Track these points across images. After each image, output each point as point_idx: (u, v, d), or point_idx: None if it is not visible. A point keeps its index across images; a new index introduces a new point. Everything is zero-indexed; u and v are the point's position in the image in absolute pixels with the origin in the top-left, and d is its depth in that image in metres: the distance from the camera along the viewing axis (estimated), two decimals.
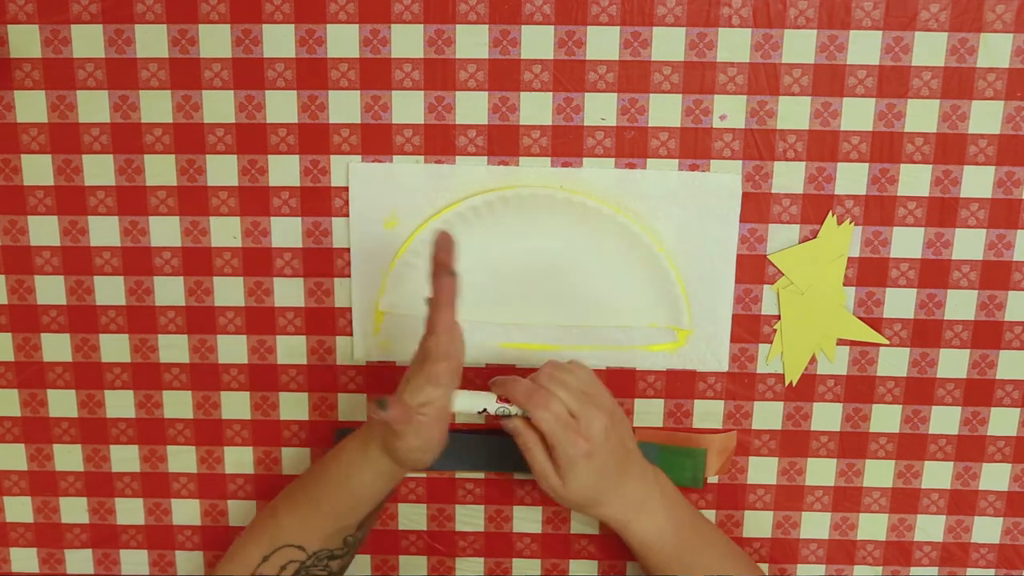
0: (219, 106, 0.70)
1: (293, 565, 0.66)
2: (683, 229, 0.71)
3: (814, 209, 0.71)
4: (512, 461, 0.76)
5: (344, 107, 0.70)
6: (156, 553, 0.80)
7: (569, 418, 0.63)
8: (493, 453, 0.76)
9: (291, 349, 0.75)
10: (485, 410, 0.65)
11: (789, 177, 0.70)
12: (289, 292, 0.74)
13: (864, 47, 0.68)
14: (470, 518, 0.78)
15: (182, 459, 0.77)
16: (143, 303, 0.74)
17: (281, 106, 0.70)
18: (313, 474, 0.68)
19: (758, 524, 0.77)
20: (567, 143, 0.70)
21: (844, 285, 0.72)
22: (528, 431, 0.65)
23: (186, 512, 0.79)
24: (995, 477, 0.76)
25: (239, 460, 0.77)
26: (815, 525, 0.77)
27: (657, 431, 0.75)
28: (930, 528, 0.77)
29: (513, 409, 0.64)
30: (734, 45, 0.68)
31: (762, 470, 0.76)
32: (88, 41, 0.69)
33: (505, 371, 0.74)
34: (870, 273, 0.72)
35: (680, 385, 0.75)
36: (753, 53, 0.68)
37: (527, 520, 0.78)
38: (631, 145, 0.70)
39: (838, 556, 0.78)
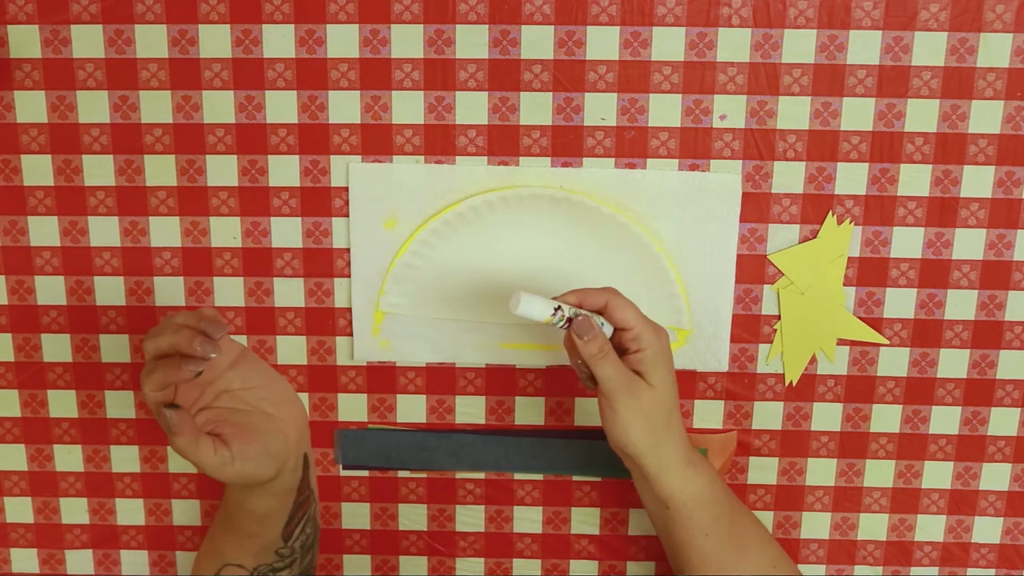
0: (219, 106, 0.70)
1: None
2: (683, 229, 0.71)
3: (814, 209, 0.71)
4: (512, 461, 0.76)
5: (344, 107, 0.70)
6: (156, 553, 0.80)
7: (641, 318, 0.61)
8: (493, 453, 0.76)
9: (291, 349, 0.75)
10: (560, 309, 0.60)
11: (789, 177, 0.70)
12: (289, 292, 0.74)
13: (864, 47, 0.68)
14: (470, 518, 0.78)
15: (182, 460, 0.77)
16: (143, 303, 0.74)
17: (281, 106, 0.70)
18: (225, 499, 0.67)
19: None
20: (567, 143, 0.70)
21: (844, 285, 0.72)
22: (603, 337, 0.60)
23: (186, 512, 0.79)
24: (995, 477, 0.76)
25: None
26: (815, 525, 0.77)
27: None
28: (930, 528, 0.77)
29: (583, 311, 0.60)
30: (734, 45, 0.68)
31: (762, 470, 0.76)
32: (88, 41, 0.69)
33: (505, 371, 0.74)
34: (870, 273, 0.72)
35: (680, 385, 0.74)
36: (753, 53, 0.68)
37: (527, 520, 0.78)
38: (631, 145, 0.70)
39: (838, 556, 0.78)
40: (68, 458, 0.78)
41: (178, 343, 0.56)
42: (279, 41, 0.69)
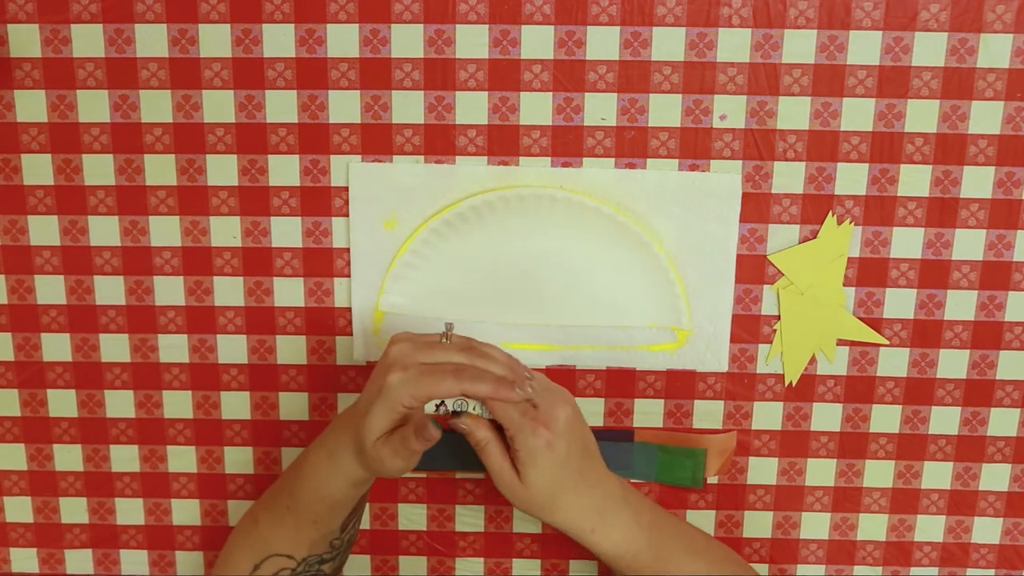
0: (219, 106, 0.70)
1: (285, 572, 0.66)
2: (683, 229, 0.71)
3: (814, 209, 0.71)
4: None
5: (344, 107, 0.70)
6: (156, 553, 0.80)
7: (530, 407, 0.60)
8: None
9: (291, 349, 0.75)
10: (442, 404, 0.60)
11: (789, 177, 0.70)
12: (289, 292, 0.74)
13: (864, 47, 0.68)
14: (470, 518, 0.78)
15: (182, 459, 0.77)
16: (143, 303, 0.74)
17: (281, 106, 0.70)
18: (287, 484, 0.66)
19: (758, 524, 0.77)
20: (567, 143, 0.70)
21: (844, 285, 0.72)
22: (482, 427, 0.61)
23: (186, 512, 0.79)
24: (995, 477, 0.76)
25: (239, 460, 0.77)
26: (815, 525, 0.77)
27: (657, 431, 0.75)
28: (930, 528, 0.77)
29: (471, 404, 0.60)
30: (734, 45, 0.68)
31: (762, 470, 0.76)
32: (88, 41, 0.69)
33: None
34: (870, 273, 0.72)
35: (680, 385, 0.75)
36: (753, 53, 0.68)
37: (527, 520, 0.78)
38: (631, 145, 0.70)
39: (838, 556, 0.78)
40: (68, 457, 0.78)
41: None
42: (279, 41, 0.69)
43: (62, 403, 0.76)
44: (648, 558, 0.65)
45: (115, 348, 0.75)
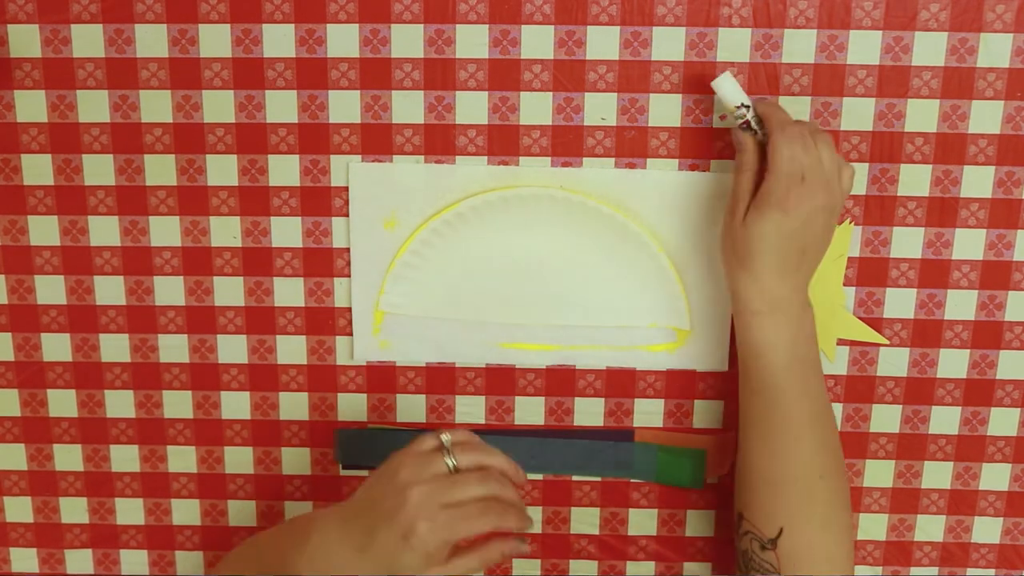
0: (219, 106, 0.70)
1: None
2: (683, 229, 0.71)
3: None
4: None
5: (344, 107, 0.70)
6: (156, 553, 0.80)
7: (799, 169, 0.61)
8: None
9: (291, 349, 0.75)
10: (744, 105, 0.64)
11: None
12: (289, 292, 0.74)
13: (864, 47, 0.68)
14: None
15: (182, 459, 0.77)
16: (143, 303, 0.74)
17: (281, 106, 0.70)
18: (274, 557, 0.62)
19: None
20: (567, 143, 0.70)
21: (844, 285, 0.72)
22: (753, 154, 0.63)
23: (186, 512, 0.79)
24: (995, 477, 0.76)
25: (239, 460, 0.77)
26: None
27: (657, 431, 0.75)
28: (930, 528, 0.77)
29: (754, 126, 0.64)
30: (734, 45, 0.68)
31: None
32: (88, 41, 0.69)
33: (505, 371, 0.74)
34: (870, 273, 0.72)
35: (680, 385, 0.75)
36: (753, 53, 0.68)
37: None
38: (631, 145, 0.70)
39: None
40: (68, 457, 0.78)
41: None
42: (279, 41, 0.69)
43: (62, 403, 0.76)
44: (771, 382, 0.65)
45: (115, 348, 0.75)
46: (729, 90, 0.65)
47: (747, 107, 0.64)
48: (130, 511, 0.79)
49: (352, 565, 0.58)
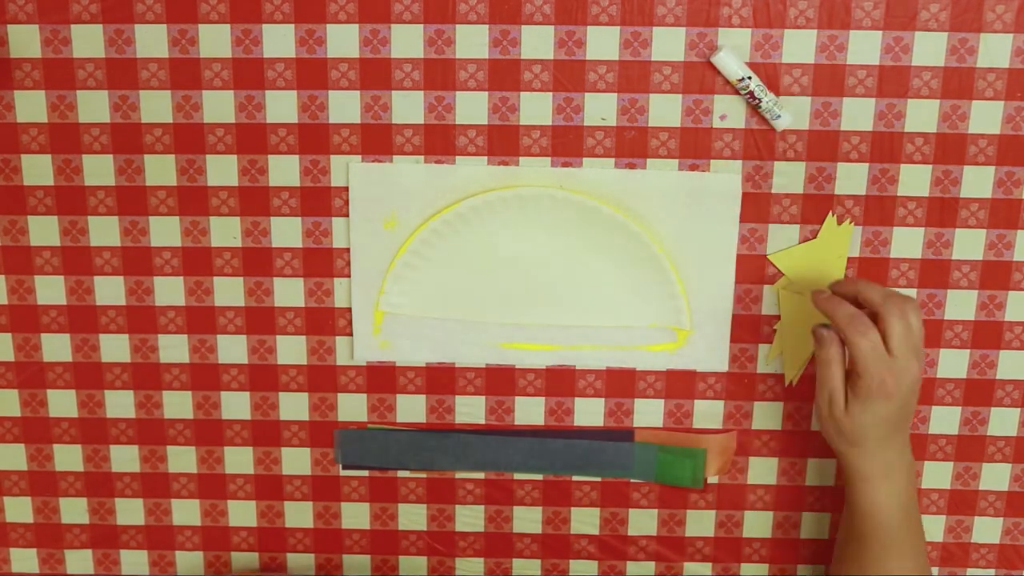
0: (219, 106, 0.70)
1: None
2: (683, 229, 0.71)
3: (814, 209, 0.71)
4: (512, 461, 0.76)
5: (344, 107, 0.70)
6: (156, 553, 0.80)
7: (885, 353, 0.62)
8: (493, 453, 0.76)
9: (291, 349, 0.75)
10: (746, 77, 0.66)
11: (789, 177, 0.70)
12: (289, 292, 0.74)
13: (864, 47, 0.68)
14: (470, 518, 0.78)
15: (182, 459, 0.77)
16: (143, 303, 0.74)
17: (281, 106, 0.70)
18: None
19: (758, 524, 0.77)
20: (567, 143, 0.70)
21: None
22: (836, 346, 0.64)
23: (186, 512, 0.79)
24: (995, 477, 0.76)
25: (239, 460, 0.77)
26: (815, 525, 0.77)
27: (657, 431, 0.75)
28: (930, 528, 0.77)
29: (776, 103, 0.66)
30: (734, 45, 0.68)
31: (762, 470, 0.76)
32: (88, 41, 0.69)
33: (505, 371, 0.74)
34: (870, 273, 0.72)
35: (680, 385, 0.75)
36: (753, 53, 0.68)
37: (527, 520, 0.78)
38: (631, 145, 0.70)
39: None
40: (68, 458, 0.78)
41: None
42: (279, 41, 0.69)
43: (62, 403, 0.76)
44: (889, 530, 0.67)
45: (115, 348, 0.75)
46: (730, 64, 0.67)
47: (748, 78, 0.66)
48: (130, 511, 0.79)
49: None
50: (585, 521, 0.78)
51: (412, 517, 0.78)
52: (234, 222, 0.72)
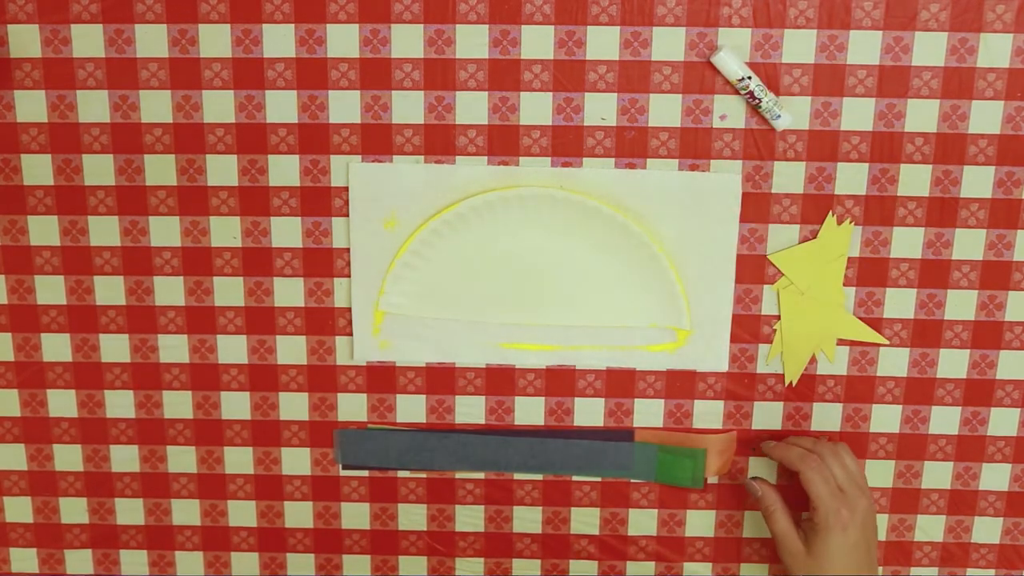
0: (219, 106, 0.70)
1: None
2: (683, 229, 0.71)
3: (814, 209, 0.71)
4: (512, 462, 0.76)
5: (344, 107, 0.70)
6: (156, 553, 0.80)
7: (837, 488, 0.67)
8: (493, 453, 0.76)
9: (291, 349, 0.75)
10: (746, 77, 0.66)
11: (789, 177, 0.70)
12: (289, 292, 0.74)
13: (864, 47, 0.68)
14: (470, 518, 0.78)
15: (182, 459, 0.77)
16: (143, 303, 0.74)
17: (281, 106, 0.70)
18: None
19: (758, 524, 0.77)
20: (567, 143, 0.70)
21: (844, 285, 0.72)
22: (773, 493, 0.70)
23: (186, 512, 0.79)
24: (995, 477, 0.76)
25: (239, 460, 0.77)
26: None
27: (657, 431, 0.75)
28: (930, 528, 0.77)
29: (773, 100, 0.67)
30: (734, 45, 0.68)
31: (762, 470, 0.76)
32: (88, 41, 0.69)
33: (505, 371, 0.74)
34: (870, 273, 0.72)
35: (680, 385, 0.75)
36: (753, 53, 0.68)
37: (527, 520, 0.78)
38: (631, 145, 0.70)
39: None
40: (68, 457, 0.78)
41: None
42: (279, 41, 0.69)
43: (62, 403, 0.76)
44: None
45: (115, 348, 0.75)
46: (730, 65, 0.67)
47: (748, 78, 0.66)
48: (130, 511, 0.79)
49: None
50: (585, 521, 0.78)
51: (412, 517, 0.78)
52: (234, 222, 0.72)
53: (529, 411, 0.75)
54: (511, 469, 0.77)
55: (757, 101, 0.67)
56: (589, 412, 0.75)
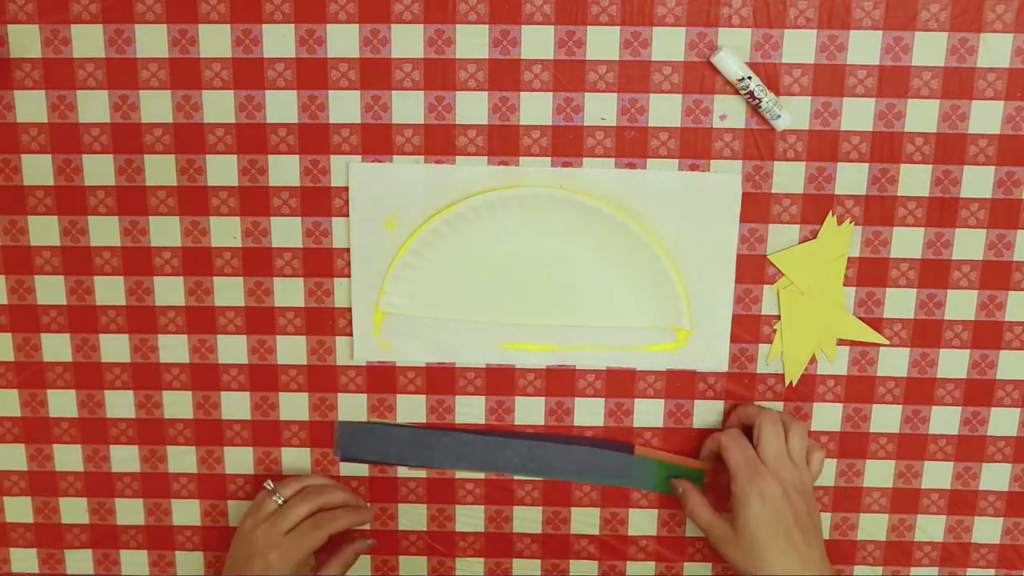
0: (219, 106, 0.70)
1: None
2: (683, 229, 0.71)
3: (814, 209, 0.71)
4: (511, 463, 0.76)
5: (344, 107, 0.70)
6: (156, 553, 0.80)
7: (756, 458, 0.67)
8: (492, 455, 0.76)
9: (291, 349, 0.75)
10: (746, 77, 0.67)
11: (789, 177, 0.70)
12: (289, 292, 0.74)
13: (864, 47, 0.68)
14: (470, 518, 0.78)
15: (182, 459, 0.77)
16: (143, 303, 0.74)
17: (281, 106, 0.70)
18: None
19: None
20: (567, 143, 0.70)
21: (844, 285, 0.72)
22: (692, 489, 0.72)
23: (186, 512, 0.79)
24: (995, 477, 0.76)
25: (239, 460, 0.77)
26: None
27: (658, 450, 0.75)
28: (930, 528, 0.77)
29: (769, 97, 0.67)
30: (734, 45, 0.68)
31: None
32: (88, 41, 0.69)
33: (505, 371, 0.74)
34: (870, 273, 0.72)
35: (680, 385, 0.75)
36: (753, 53, 0.68)
37: (527, 520, 0.78)
38: (631, 145, 0.70)
39: (838, 556, 0.78)
40: (68, 457, 0.78)
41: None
42: (279, 41, 0.69)
43: (62, 403, 0.76)
44: None
45: (115, 348, 0.75)
46: (730, 65, 0.67)
47: (748, 78, 0.66)
48: (130, 511, 0.79)
49: None
50: (585, 521, 0.78)
51: (412, 517, 0.78)
52: (234, 222, 0.72)
53: (529, 411, 0.75)
54: (509, 471, 0.76)
55: (757, 101, 0.67)
56: (589, 412, 0.75)
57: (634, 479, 0.76)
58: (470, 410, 0.75)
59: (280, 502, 0.71)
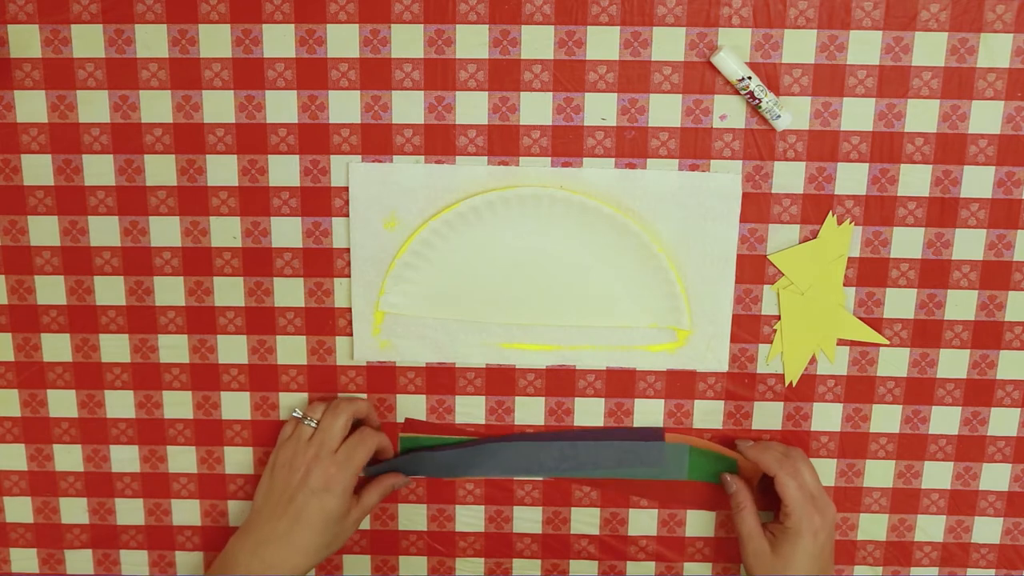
0: (219, 106, 0.70)
1: None
2: (683, 229, 0.71)
3: (814, 209, 0.71)
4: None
5: (344, 107, 0.70)
6: (156, 553, 0.80)
7: (810, 494, 0.69)
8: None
9: (291, 349, 0.75)
10: (746, 77, 0.67)
11: (789, 177, 0.70)
12: (289, 292, 0.74)
13: (864, 47, 0.68)
14: (470, 518, 0.78)
15: (182, 459, 0.77)
16: (143, 303, 0.74)
17: (281, 106, 0.70)
18: None
19: None
20: (567, 143, 0.70)
21: (844, 285, 0.72)
22: (745, 491, 0.71)
23: (186, 512, 0.79)
24: (995, 477, 0.76)
25: (239, 460, 0.77)
26: None
27: (688, 432, 0.75)
28: (930, 528, 0.77)
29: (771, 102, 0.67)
30: (734, 45, 0.68)
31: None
32: (88, 41, 0.69)
33: (505, 371, 0.74)
34: (870, 273, 0.72)
35: (680, 385, 0.75)
36: (753, 53, 0.68)
37: (527, 520, 0.78)
38: (631, 145, 0.70)
39: (838, 556, 0.78)
40: (68, 457, 0.78)
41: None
42: (279, 41, 0.69)
43: (62, 403, 0.76)
44: None
45: (115, 348, 0.75)
46: (730, 65, 0.67)
47: (748, 78, 0.66)
48: (130, 511, 0.79)
49: (289, 535, 0.68)
50: (585, 521, 0.78)
51: (412, 517, 0.78)
52: (234, 222, 0.72)
53: (529, 411, 0.75)
54: (543, 473, 0.76)
55: (757, 101, 0.67)
56: (589, 412, 0.75)
57: (669, 469, 0.76)
58: (470, 410, 0.75)
59: (314, 425, 0.71)
